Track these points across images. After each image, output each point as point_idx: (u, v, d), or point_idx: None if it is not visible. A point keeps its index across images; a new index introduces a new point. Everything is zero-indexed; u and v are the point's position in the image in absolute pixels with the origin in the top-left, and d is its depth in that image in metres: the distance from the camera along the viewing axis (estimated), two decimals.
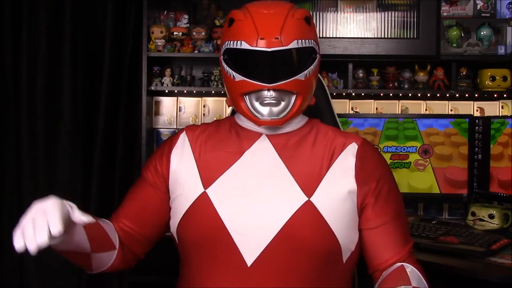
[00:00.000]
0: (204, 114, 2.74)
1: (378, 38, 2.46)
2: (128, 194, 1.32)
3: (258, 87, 1.17)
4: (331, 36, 2.47)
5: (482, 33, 2.47)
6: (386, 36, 2.47)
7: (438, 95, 2.59)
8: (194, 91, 2.68)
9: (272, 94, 1.17)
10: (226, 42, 1.22)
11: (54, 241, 0.98)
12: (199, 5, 2.68)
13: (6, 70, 2.40)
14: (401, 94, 2.64)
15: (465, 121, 2.31)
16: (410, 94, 2.63)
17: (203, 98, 2.75)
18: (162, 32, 2.55)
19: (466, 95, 2.59)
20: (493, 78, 2.51)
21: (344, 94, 2.60)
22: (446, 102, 2.67)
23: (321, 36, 2.47)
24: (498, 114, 2.62)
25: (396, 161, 2.33)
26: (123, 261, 1.26)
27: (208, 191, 1.19)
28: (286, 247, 1.13)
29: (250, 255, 1.13)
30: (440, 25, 2.46)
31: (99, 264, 1.21)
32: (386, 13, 2.47)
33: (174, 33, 2.57)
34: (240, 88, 1.20)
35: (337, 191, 1.17)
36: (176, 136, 1.31)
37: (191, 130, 1.30)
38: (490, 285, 1.64)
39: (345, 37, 2.47)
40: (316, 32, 1.26)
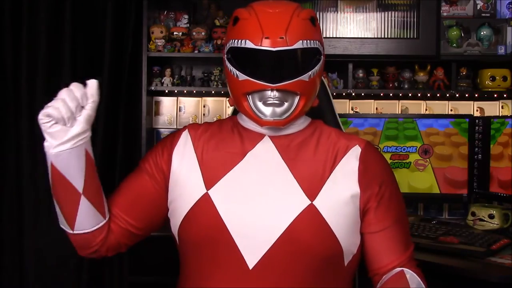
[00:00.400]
0: (204, 114, 2.74)
1: (378, 38, 2.46)
2: (122, 183, 1.29)
3: (261, 87, 1.16)
4: (331, 36, 2.47)
5: (482, 33, 2.47)
6: (386, 36, 2.47)
7: (438, 95, 2.59)
8: (194, 91, 2.68)
9: (275, 94, 1.16)
10: (230, 41, 1.20)
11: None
12: (199, 5, 2.68)
13: (6, 70, 2.40)
14: (401, 94, 2.64)
15: (465, 121, 2.31)
16: (410, 94, 2.63)
17: (203, 98, 2.75)
18: (162, 32, 2.55)
19: (466, 95, 2.59)
20: (493, 78, 2.51)
21: (344, 94, 2.60)
22: (446, 102, 2.67)
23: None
24: (498, 114, 2.62)
25: (396, 161, 2.33)
26: (105, 243, 1.22)
27: (210, 192, 1.18)
28: (288, 250, 1.12)
29: (252, 258, 1.13)
30: (440, 25, 2.46)
31: (84, 219, 1.17)
32: (386, 13, 2.47)
33: (174, 33, 2.57)
34: (243, 87, 1.18)
35: (339, 195, 1.17)
36: (178, 134, 1.29)
37: (194, 129, 1.28)
38: (490, 285, 1.64)
39: (345, 37, 2.47)
40: (321, 33, 1.25)
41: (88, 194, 1.15)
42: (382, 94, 2.63)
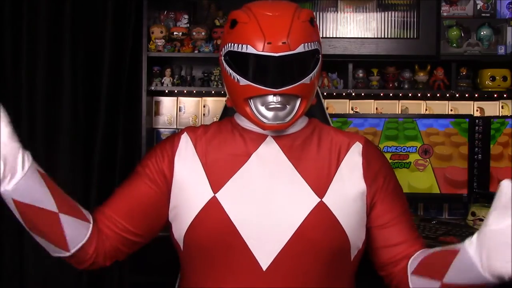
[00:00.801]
0: (204, 114, 2.74)
1: (378, 38, 2.46)
2: (119, 188, 1.23)
3: (264, 92, 1.15)
4: (331, 36, 2.47)
5: (482, 33, 2.48)
6: (386, 36, 2.47)
7: (438, 95, 2.59)
8: (194, 91, 2.68)
9: (278, 99, 1.16)
10: (228, 44, 1.19)
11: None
12: (199, 5, 2.68)
13: (6, 70, 2.40)
14: (401, 94, 2.64)
15: (465, 121, 2.31)
16: (410, 94, 2.63)
17: (203, 98, 2.75)
18: (162, 32, 2.55)
19: (466, 95, 2.59)
20: (493, 78, 2.51)
21: (344, 94, 2.60)
22: (446, 102, 2.67)
23: (321, 36, 2.46)
24: (498, 114, 2.62)
25: (396, 161, 2.33)
26: (101, 251, 1.16)
27: (218, 196, 1.16)
28: (301, 249, 1.13)
29: (265, 259, 1.12)
30: (440, 25, 2.46)
31: (73, 234, 1.11)
32: (386, 13, 2.47)
33: (174, 33, 2.57)
34: (245, 92, 1.17)
35: (347, 191, 1.18)
36: (177, 137, 1.25)
37: (192, 131, 1.26)
38: (490, 285, 1.64)
39: (345, 37, 2.47)
40: (318, 32, 1.25)
41: (63, 209, 1.09)
42: (382, 94, 2.63)
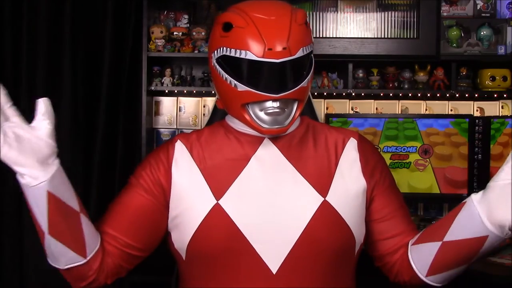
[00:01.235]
0: (204, 114, 2.74)
1: (378, 38, 2.46)
2: (115, 202, 1.21)
3: (264, 98, 1.14)
4: (331, 36, 2.47)
5: (482, 33, 2.48)
6: (386, 36, 2.47)
7: (438, 95, 2.59)
8: (194, 91, 2.68)
9: (277, 104, 1.14)
10: (222, 48, 1.16)
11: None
12: (199, 5, 2.68)
13: (6, 70, 2.40)
14: (401, 94, 2.64)
15: (465, 121, 2.31)
16: (410, 94, 2.63)
17: (203, 98, 2.75)
18: (162, 32, 2.55)
19: (466, 95, 2.59)
20: (493, 78, 2.51)
21: (344, 94, 2.60)
22: (446, 102, 2.67)
23: (321, 36, 2.47)
24: (498, 114, 2.62)
25: (396, 161, 2.33)
26: (103, 268, 1.15)
27: (221, 202, 1.14)
28: (309, 249, 1.13)
29: (274, 263, 1.12)
30: (440, 25, 2.46)
31: (91, 238, 1.11)
32: (386, 13, 2.47)
33: (174, 33, 2.57)
34: (243, 98, 1.15)
35: (349, 188, 1.19)
36: (170, 146, 1.22)
37: (185, 138, 1.23)
38: (490, 285, 1.64)
39: (345, 37, 2.47)
40: (311, 31, 1.23)
41: (82, 209, 1.10)
42: (382, 94, 2.63)
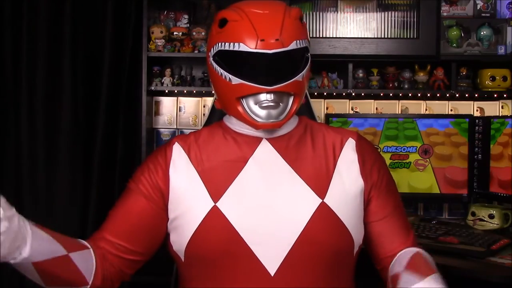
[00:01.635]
0: (204, 114, 2.74)
1: (378, 38, 2.46)
2: (115, 210, 1.20)
3: (258, 90, 1.14)
4: (331, 36, 2.47)
5: (482, 33, 2.47)
6: (386, 36, 2.46)
7: (438, 95, 2.59)
8: (194, 91, 2.68)
9: (271, 97, 1.14)
10: (218, 44, 1.17)
11: None
12: (199, 5, 2.68)
13: (6, 70, 2.40)
14: (401, 94, 2.64)
15: (465, 121, 2.31)
16: (410, 94, 2.63)
17: (203, 98, 2.75)
18: (162, 32, 2.55)
19: (466, 95, 2.59)
20: (493, 78, 2.51)
21: (344, 94, 2.60)
22: (446, 102, 2.66)
23: (321, 36, 2.47)
24: (498, 114, 2.62)
25: (396, 161, 2.33)
26: (106, 277, 1.15)
27: (218, 205, 1.14)
28: (307, 251, 1.12)
29: (272, 265, 1.12)
30: (440, 25, 2.46)
31: (85, 266, 1.10)
32: (386, 13, 2.47)
33: (174, 33, 2.57)
34: (237, 91, 1.16)
35: (347, 189, 1.18)
36: (168, 148, 1.22)
37: (183, 140, 1.23)
38: (490, 285, 1.64)
39: (345, 37, 2.47)
40: (307, 30, 1.24)
41: (68, 248, 1.08)
42: (382, 94, 2.63)
